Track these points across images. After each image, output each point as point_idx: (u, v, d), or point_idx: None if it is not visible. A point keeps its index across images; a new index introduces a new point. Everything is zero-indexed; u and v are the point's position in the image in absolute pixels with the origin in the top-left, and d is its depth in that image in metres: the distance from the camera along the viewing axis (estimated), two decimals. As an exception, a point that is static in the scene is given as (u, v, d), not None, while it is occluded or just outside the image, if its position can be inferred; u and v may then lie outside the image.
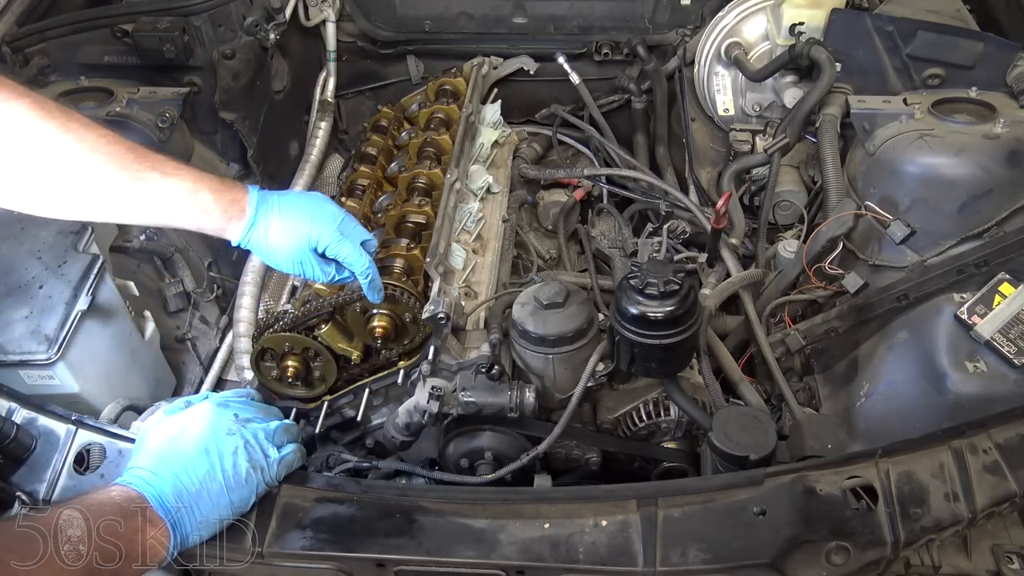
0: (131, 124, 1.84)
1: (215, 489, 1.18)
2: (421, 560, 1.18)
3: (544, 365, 1.54)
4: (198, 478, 1.17)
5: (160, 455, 1.19)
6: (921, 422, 1.46)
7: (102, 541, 1.04)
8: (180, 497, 1.15)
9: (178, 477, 1.16)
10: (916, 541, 1.14)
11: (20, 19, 1.99)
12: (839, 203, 1.78)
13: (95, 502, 1.09)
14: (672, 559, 1.14)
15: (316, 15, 2.39)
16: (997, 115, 1.68)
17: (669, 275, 1.33)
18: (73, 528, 1.02)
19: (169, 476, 1.16)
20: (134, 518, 1.10)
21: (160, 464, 1.17)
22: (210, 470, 1.18)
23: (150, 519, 1.11)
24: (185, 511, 1.15)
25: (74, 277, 1.53)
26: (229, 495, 1.19)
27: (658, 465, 1.64)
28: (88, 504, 1.08)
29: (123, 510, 1.10)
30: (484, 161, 2.15)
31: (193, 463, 1.18)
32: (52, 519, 1.03)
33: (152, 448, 1.21)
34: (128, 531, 1.08)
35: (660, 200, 2.14)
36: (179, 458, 1.18)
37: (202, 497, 1.17)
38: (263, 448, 1.25)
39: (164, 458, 1.18)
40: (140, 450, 1.22)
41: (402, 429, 1.59)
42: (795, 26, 2.04)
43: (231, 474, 1.19)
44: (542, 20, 2.44)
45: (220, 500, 1.18)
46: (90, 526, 1.04)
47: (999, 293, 1.48)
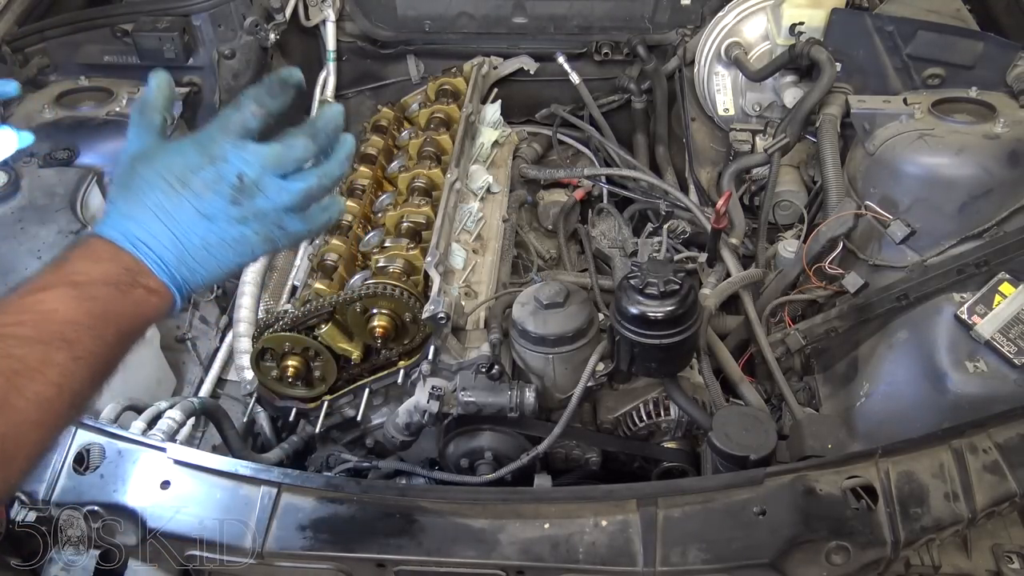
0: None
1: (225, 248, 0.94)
2: (421, 560, 1.18)
3: (544, 365, 1.54)
4: (199, 238, 0.93)
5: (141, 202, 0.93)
6: (921, 422, 1.46)
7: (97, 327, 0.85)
8: (182, 258, 0.92)
9: (173, 235, 0.92)
10: (916, 541, 1.14)
11: (20, 19, 2.00)
12: (839, 203, 1.78)
13: (81, 276, 0.87)
14: (672, 559, 1.14)
15: (316, 15, 2.39)
16: (997, 115, 1.68)
17: (669, 275, 1.33)
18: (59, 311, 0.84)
19: (163, 232, 0.92)
20: (132, 291, 0.89)
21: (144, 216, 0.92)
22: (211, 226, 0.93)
23: (151, 288, 0.90)
24: (189, 273, 0.93)
25: (74, 277, 1.52)
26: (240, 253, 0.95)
27: (658, 465, 1.64)
28: (72, 279, 0.86)
29: (115, 285, 0.88)
30: (484, 161, 2.14)
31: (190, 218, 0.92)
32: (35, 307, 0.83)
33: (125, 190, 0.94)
34: (127, 309, 0.88)
35: (660, 200, 2.13)
36: (169, 211, 0.92)
37: (210, 258, 0.94)
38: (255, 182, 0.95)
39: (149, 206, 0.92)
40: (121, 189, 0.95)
41: (402, 429, 1.59)
42: (795, 26, 2.04)
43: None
44: (542, 20, 2.44)
45: (224, 257, 0.95)
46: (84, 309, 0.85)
47: (999, 293, 1.48)
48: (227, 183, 0.93)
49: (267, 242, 0.97)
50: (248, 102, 0.97)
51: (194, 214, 0.92)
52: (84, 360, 0.83)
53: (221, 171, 0.92)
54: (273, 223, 0.96)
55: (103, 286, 0.87)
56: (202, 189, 0.92)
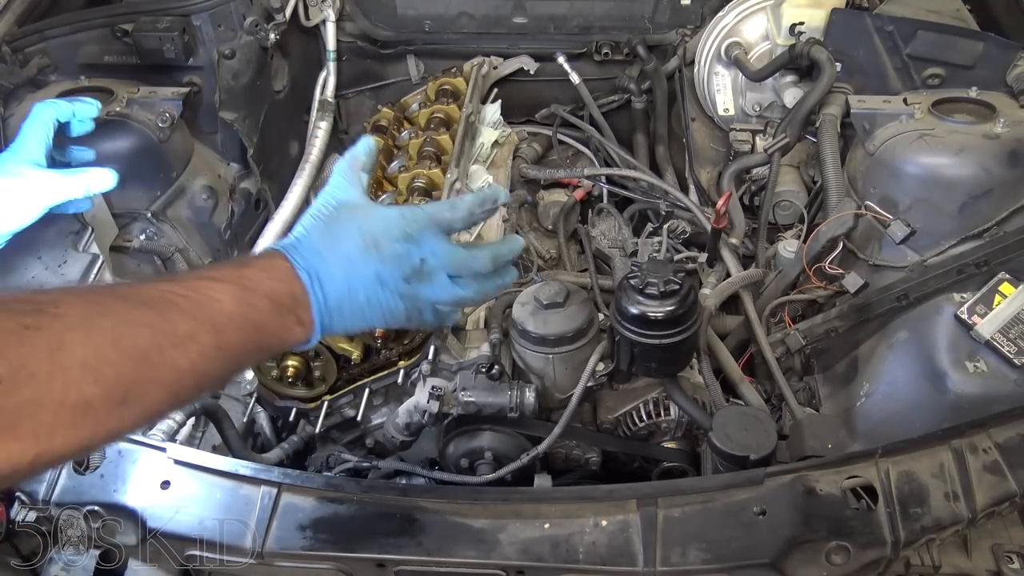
0: (131, 124, 1.84)
1: (375, 310, 1.03)
2: (421, 560, 1.18)
3: (544, 365, 1.54)
4: (364, 295, 1.01)
5: (334, 247, 1.01)
6: (921, 422, 1.46)
7: (245, 329, 0.91)
8: (340, 305, 1.00)
9: (347, 284, 1.00)
10: (916, 541, 1.14)
11: (20, 19, 1.99)
12: (839, 203, 1.78)
13: (252, 283, 0.94)
14: (672, 559, 1.14)
15: (316, 15, 2.39)
16: (997, 115, 1.68)
17: (669, 275, 1.33)
18: (221, 303, 0.90)
19: (341, 278, 1.00)
20: (287, 315, 0.97)
21: (331, 260, 1.00)
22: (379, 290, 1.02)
23: (301, 320, 0.98)
24: (338, 320, 1.01)
25: (74, 277, 1.53)
26: (383, 318, 1.04)
27: (658, 465, 1.64)
28: (243, 282, 0.93)
29: (278, 303, 0.95)
30: (484, 161, 2.14)
31: (368, 277, 1.01)
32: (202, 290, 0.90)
33: (323, 230, 1.03)
34: (275, 327, 0.95)
35: (660, 200, 2.13)
36: (355, 264, 1.01)
37: (360, 314, 1.02)
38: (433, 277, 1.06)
39: (340, 253, 1.00)
40: (321, 227, 1.03)
41: (402, 429, 1.59)
42: (795, 26, 2.04)
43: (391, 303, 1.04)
44: (542, 20, 2.44)
45: (371, 318, 1.04)
46: (241, 311, 0.91)
47: (999, 293, 1.48)
48: (410, 262, 1.03)
49: (407, 320, 1.07)
50: (464, 210, 1.09)
51: (372, 275, 1.01)
52: (223, 352, 0.89)
53: (411, 250, 1.03)
54: (420, 308, 1.07)
55: (266, 299, 0.94)
56: (389, 257, 1.02)
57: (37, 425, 0.72)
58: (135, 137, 1.83)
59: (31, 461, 0.72)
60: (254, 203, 2.18)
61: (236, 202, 2.10)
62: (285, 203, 2.15)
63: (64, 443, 0.75)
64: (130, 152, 1.82)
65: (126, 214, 1.83)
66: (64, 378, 0.73)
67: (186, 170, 1.98)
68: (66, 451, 0.76)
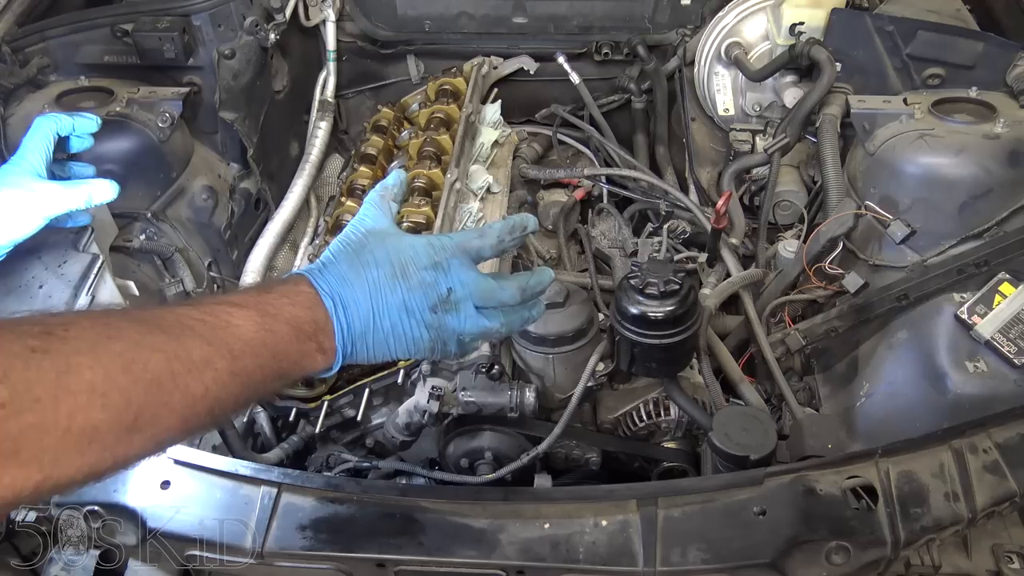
0: (131, 124, 1.84)
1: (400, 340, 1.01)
2: (421, 560, 1.18)
3: (544, 365, 1.54)
4: (390, 323, 1.00)
5: (361, 273, 1.00)
6: (921, 422, 1.46)
7: (263, 356, 0.90)
8: (365, 333, 0.99)
9: (372, 312, 0.99)
10: (916, 541, 1.14)
11: (20, 19, 1.99)
12: (839, 203, 1.78)
13: (272, 309, 0.92)
14: (672, 559, 1.14)
15: (316, 15, 2.39)
16: (997, 115, 1.68)
17: (669, 275, 1.33)
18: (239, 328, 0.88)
19: (366, 306, 0.98)
20: (308, 342, 0.95)
21: (357, 286, 0.99)
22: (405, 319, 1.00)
23: (323, 347, 0.96)
24: (361, 348, 0.99)
25: (74, 277, 1.53)
26: (407, 349, 1.02)
27: (658, 465, 1.64)
28: (264, 308, 0.92)
29: (298, 330, 0.93)
30: (484, 161, 2.14)
31: (394, 305, 1.00)
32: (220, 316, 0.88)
33: (351, 257, 1.01)
34: (294, 354, 0.93)
35: (660, 200, 2.13)
36: (382, 292, 0.99)
37: (384, 343, 1.00)
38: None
39: (367, 280, 0.99)
40: (349, 253, 1.02)
41: (402, 429, 1.59)
42: (795, 26, 2.04)
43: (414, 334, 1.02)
44: (542, 20, 2.44)
45: (396, 347, 1.02)
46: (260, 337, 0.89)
47: (999, 293, 1.48)
48: (437, 291, 1.01)
49: (431, 351, 1.04)
50: (493, 236, 1.07)
51: (399, 303, 1.00)
52: (239, 378, 0.87)
53: (438, 279, 1.01)
54: (445, 339, 1.04)
55: (286, 325, 0.92)
56: (416, 285, 1.00)
57: (41, 451, 0.70)
58: (135, 137, 1.83)
59: (35, 487, 0.71)
60: (254, 203, 2.18)
61: (236, 202, 2.10)
62: (285, 203, 2.15)
63: (70, 470, 0.73)
64: (130, 152, 1.83)
65: (126, 214, 1.83)
66: (71, 403, 0.72)
67: (186, 170, 1.98)
68: (72, 478, 0.74)
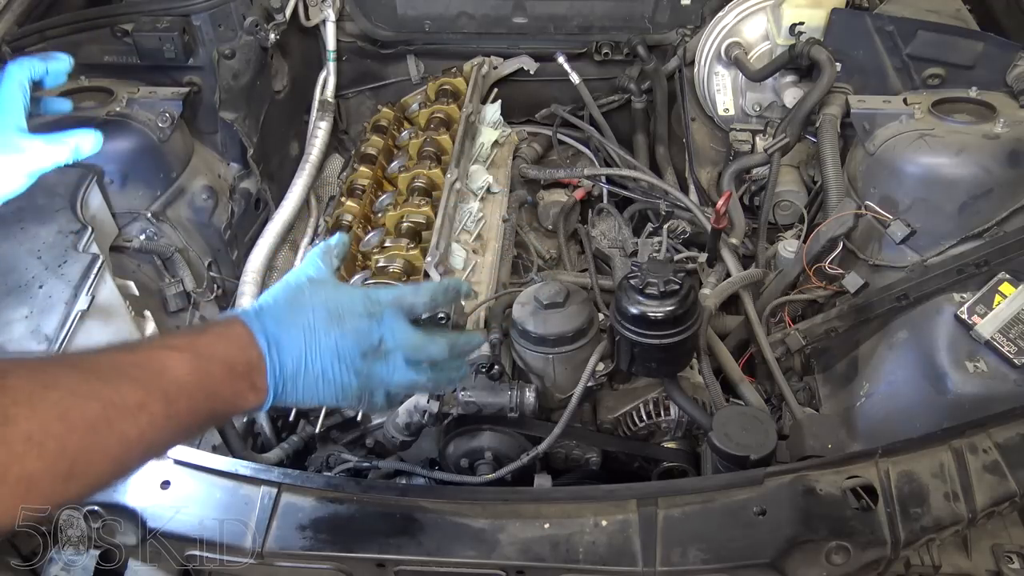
0: (131, 124, 1.84)
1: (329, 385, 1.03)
2: (421, 560, 1.18)
3: (544, 365, 1.54)
4: (321, 367, 1.01)
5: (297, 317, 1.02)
6: (921, 422, 1.46)
7: (197, 397, 0.91)
8: (296, 374, 1.00)
9: (305, 353, 1.00)
10: (916, 541, 1.14)
11: (20, 19, 1.99)
12: (839, 203, 1.78)
13: (206, 351, 0.94)
14: (672, 559, 1.14)
15: (316, 15, 2.39)
16: (997, 115, 1.68)
17: (669, 275, 1.33)
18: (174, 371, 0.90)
19: (299, 348, 1.00)
20: (240, 381, 0.96)
21: (292, 328, 1.00)
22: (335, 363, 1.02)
23: (255, 386, 0.97)
24: (291, 389, 1.00)
25: (74, 277, 1.53)
26: (336, 395, 1.04)
27: (658, 465, 1.64)
28: (197, 350, 0.93)
29: (231, 369, 0.95)
30: (484, 161, 2.15)
31: (327, 348, 1.01)
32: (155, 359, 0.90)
33: (289, 301, 1.03)
34: (227, 393, 0.95)
35: (660, 200, 2.13)
36: (316, 335, 1.01)
37: (314, 386, 1.02)
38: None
39: (302, 324, 1.01)
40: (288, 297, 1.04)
41: (402, 429, 1.59)
42: (795, 26, 2.04)
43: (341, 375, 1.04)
44: (542, 20, 2.44)
45: (324, 392, 1.03)
46: (194, 379, 0.91)
47: (999, 293, 1.48)
48: (369, 339, 1.04)
49: (357, 399, 1.07)
50: (427, 294, 1.11)
51: (331, 347, 1.02)
52: (173, 421, 0.89)
53: (372, 328, 1.04)
54: (373, 389, 1.07)
55: (219, 364, 0.94)
56: (350, 331, 1.03)
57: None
58: (135, 137, 1.84)
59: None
60: (254, 203, 2.18)
61: (236, 202, 2.10)
62: (285, 203, 2.15)
63: (7, 518, 0.75)
64: (130, 152, 1.83)
65: (126, 214, 1.83)
66: (6, 453, 0.74)
67: (186, 170, 1.98)
68: (10, 523, 0.76)
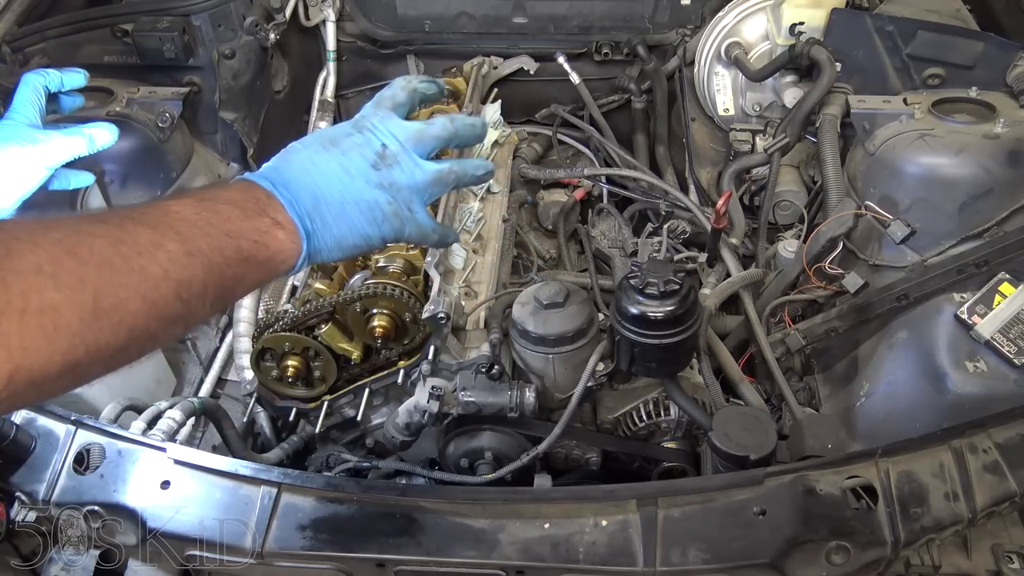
0: (131, 124, 1.84)
1: (356, 208, 0.99)
2: (421, 560, 1.18)
3: (544, 365, 1.54)
4: (338, 190, 0.98)
5: (292, 158, 1.00)
6: (921, 422, 1.46)
7: (214, 235, 0.86)
8: (316, 205, 0.96)
9: (315, 181, 0.97)
10: (916, 541, 1.14)
11: (20, 19, 1.99)
12: (839, 203, 1.78)
13: (208, 195, 0.90)
14: (672, 559, 1.14)
15: (316, 15, 2.39)
16: (997, 115, 1.68)
17: (669, 275, 1.33)
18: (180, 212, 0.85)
19: (306, 179, 0.97)
20: (258, 218, 0.91)
21: (292, 168, 0.98)
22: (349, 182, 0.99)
23: (278, 222, 0.92)
24: (321, 225, 0.96)
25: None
26: (371, 218, 1.00)
27: (658, 465, 1.64)
28: (198, 194, 0.90)
29: (241, 208, 0.90)
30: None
31: (333, 171, 0.98)
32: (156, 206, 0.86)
33: (281, 154, 1.02)
34: (248, 230, 0.89)
35: (660, 200, 2.14)
36: (317, 164, 0.98)
37: (342, 213, 0.98)
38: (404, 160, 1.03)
39: (299, 160, 0.99)
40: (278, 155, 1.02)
41: (402, 429, 1.59)
42: (795, 26, 2.04)
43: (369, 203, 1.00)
44: (542, 20, 2.44)
45: (357, 218, 0.99)
46: (204, 218, 0.86)
47: (999, 293, 1.48)
48: (372, 148, 1.02)
49: (395, 217, 1.02)
50: (399, 80, 1.11)
51: (338, 168, 0.99)
52: (198, 259, 0.83)
53: (368, 138, 1.03)
54: (404, 201, 1.03)
55: (225, 204, 0.90)
56: (349, 148, 1.01)
57: (3, 335, 0.65)
58: (135, 137, 1.84)
59: (8, 378, 0.65)
60: (254, 203, 2.18)
61: (236, 202, 2.10)
62: (285, 203, 2.15)
63: (41, 359, 0.68)
64: (130, 152, 1.83)
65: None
66: (21, 283, 0.67)
67: (186, 170, 1.98)
68: (47, 369, 0.68)
